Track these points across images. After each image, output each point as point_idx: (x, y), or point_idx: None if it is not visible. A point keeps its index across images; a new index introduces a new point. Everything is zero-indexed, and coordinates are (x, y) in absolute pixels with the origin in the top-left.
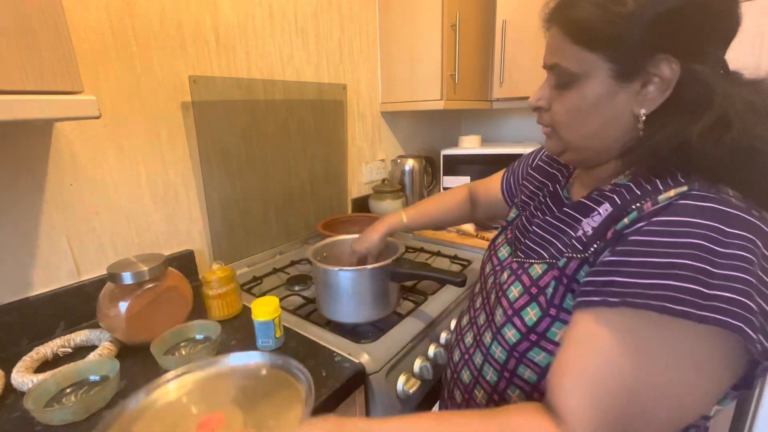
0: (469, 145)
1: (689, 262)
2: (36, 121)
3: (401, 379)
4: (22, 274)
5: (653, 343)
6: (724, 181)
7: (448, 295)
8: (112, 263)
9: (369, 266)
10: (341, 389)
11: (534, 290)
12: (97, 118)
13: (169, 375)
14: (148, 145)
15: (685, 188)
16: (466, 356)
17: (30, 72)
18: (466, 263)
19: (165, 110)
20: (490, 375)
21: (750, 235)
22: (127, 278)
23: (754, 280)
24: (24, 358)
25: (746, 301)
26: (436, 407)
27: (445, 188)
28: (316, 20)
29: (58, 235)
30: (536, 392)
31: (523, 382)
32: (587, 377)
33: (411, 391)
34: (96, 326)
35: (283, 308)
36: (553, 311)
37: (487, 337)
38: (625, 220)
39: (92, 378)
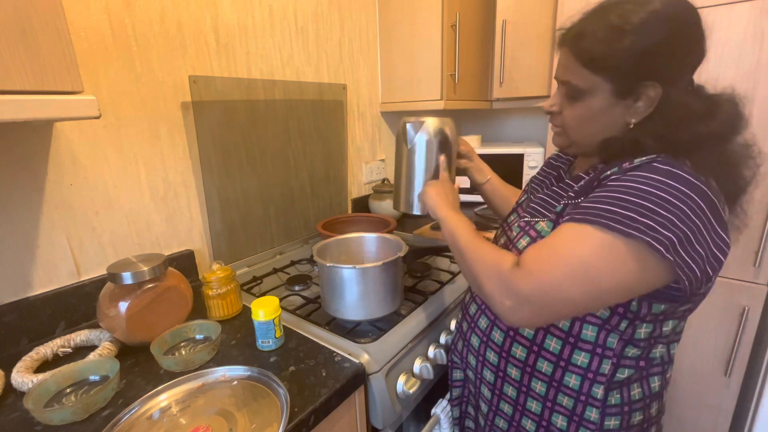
0: None
1: (636, 200)
2: (36, 121)
3: (401, 379)
4: (22, 274)
5: (597, 245)
6: (684, 157)
7: (448, 295)
8: (112, 263)
9: (380, 262)
10: (341, 389)
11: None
12: (97, 118)
13: (159, 387)
14: (148, 145)
15: (653, 156)
16: (483, 306)
17: (30, 72)
18: None
19: (165, 110)
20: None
21: (690, 192)
22: (127, 278)
23: (681, 223)
24: (24, 358)
25: (667, 232)
26: (443, 404)
27: None
28: (316, 20)
29: (58, 235)
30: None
31: None
32: (548, 249)
33: (411, 391)
34: (96, 326)
35: (283, 308)
36: None
37: None
38: (609, 173)
39: (92, 378)
